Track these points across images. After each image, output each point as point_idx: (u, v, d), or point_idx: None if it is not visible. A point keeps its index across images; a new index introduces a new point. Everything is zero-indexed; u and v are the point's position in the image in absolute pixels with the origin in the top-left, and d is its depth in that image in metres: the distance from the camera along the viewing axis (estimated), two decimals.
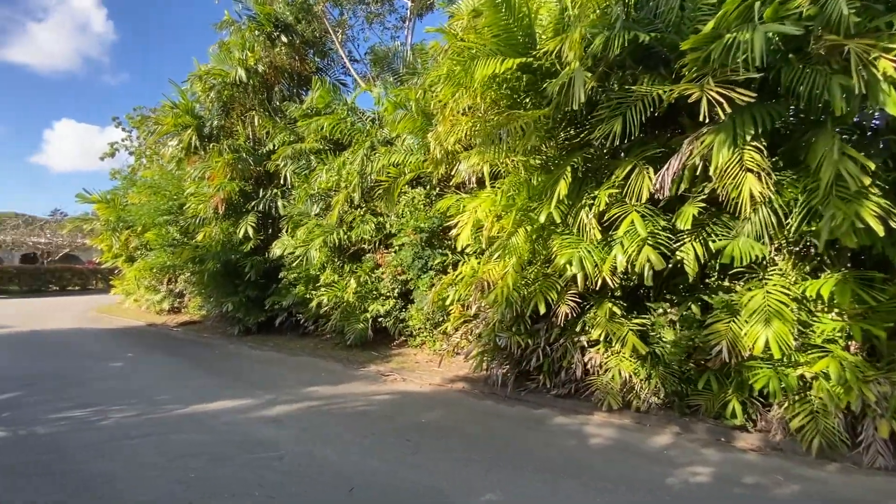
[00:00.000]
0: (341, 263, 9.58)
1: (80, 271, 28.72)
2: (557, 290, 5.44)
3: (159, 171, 13.77)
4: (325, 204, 9.80)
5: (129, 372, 7.21)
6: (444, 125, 6.14)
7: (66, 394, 5.84)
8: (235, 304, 10.50)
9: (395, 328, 8.77)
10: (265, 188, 11.19)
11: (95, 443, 4.21)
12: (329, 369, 7.66)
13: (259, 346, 9.75)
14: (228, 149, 10.76)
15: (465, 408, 5.67)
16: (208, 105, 11.44)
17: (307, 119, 10.12)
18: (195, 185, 10.96)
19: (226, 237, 10.71)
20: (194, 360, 8.34)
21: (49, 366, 7.50)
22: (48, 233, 30.70)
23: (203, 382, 6.67)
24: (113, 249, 15.52)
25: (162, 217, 12.57)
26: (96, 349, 9.32)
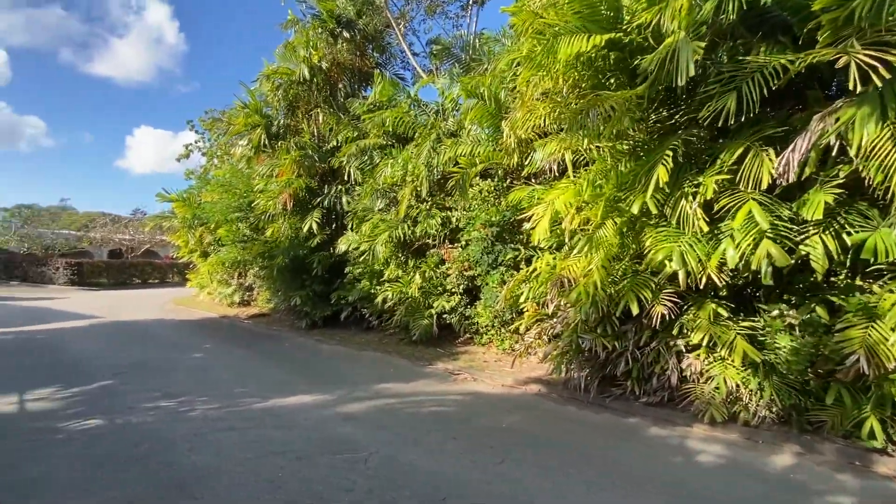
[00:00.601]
0: (405, 258, 9.47)
1: (159, 266, 31.04)
2: (652, 289, 4.92)
3: (230, 170, 14.37)
4: (390, 199, 9.72)
5: (209, 363, 7.47)
6: (521, 111, 5.77)
7: (154, 383, 6.09)
8: (303, 298, 10.72)
9: (461, 325, 8.53)
10: (329, 184, 11.32)
11: (185, 435, 4.27)
12: (397, 365, 7.55)
13: (326, 339, 9.87)
14: (295, 146, 10.98)
15: (546, 413, 5.31)
16: (275, 104, 11.73)
17: (370, 114, 10.09)
18: (264, 183, 11.27)
19: (293, 233, 10.93)
20: (267, 353, 8.54)
21: (137, 355, 7.94)
22: (131, 230, 33.43)
23: (277, 375, 6.76)
24: (189, 245, 16.44)
25: (233, 214, 13.10)
26: (177, 340, 9.83)
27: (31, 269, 25.31)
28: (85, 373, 6.59)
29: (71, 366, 7.04)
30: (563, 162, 5.84)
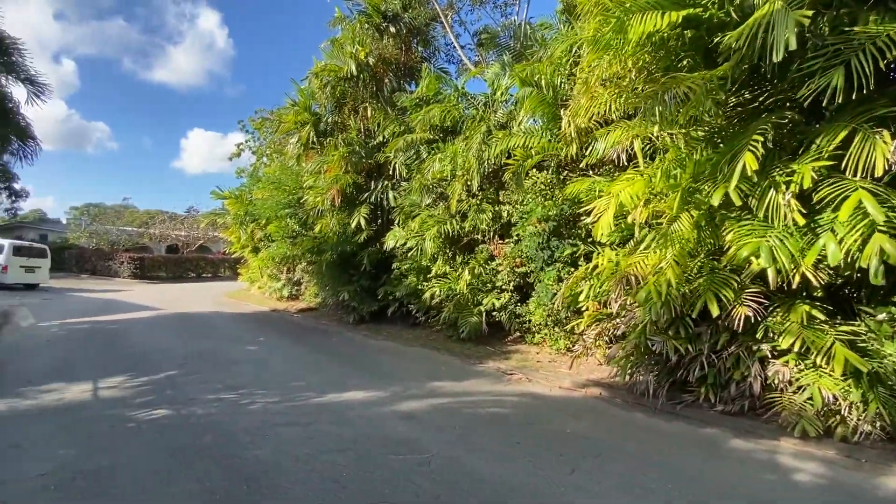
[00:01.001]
0: (453, 254, 9.32)
1: (212, 260, 32.59)
2: (733, 288, 4.50)
3: (280, 167, 14.73)
4: (437, 194, 9.58)
5: (265, 356, 7.62)
6: (585, 97, 5.44)
7: (215, 375, 6.25)
8: (351, 293, 10.81)
9: (511, 323, 8.29)
10: (376, 180, 11.33)
11: (248, 428, 4.30)
12: (447, 363, 7.41)
13: (374, 335, 9.89)
14: (342, 143, 11.06)
15: (613, 419, 4.99)
16: (323, 101, 11.86)
17: (417, 108, 9.98)
18: (313, 179, 11.43)
19: (341, 229, 11.04)
20: (318, 347, 8.64)
21: (196, 346, 8.22)
22: (186, 227, 35.24)
23: (330, 370, 6.78)
24: (241, 241, 17.06)
25: (283, 210, 13.42)
26: (233, 332, 10.15)
27: (99, 263, 27.17)
28: (151, 363, 6.86)
29: (138, 355, 7.37)
30: (629, 151, 5.47)
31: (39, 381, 5.89)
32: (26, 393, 5.36)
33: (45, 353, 7.51)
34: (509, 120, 8.71)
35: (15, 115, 9.86)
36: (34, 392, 5.39)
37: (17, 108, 9.79)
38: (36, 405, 4.92)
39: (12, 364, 6.74)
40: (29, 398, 5.18)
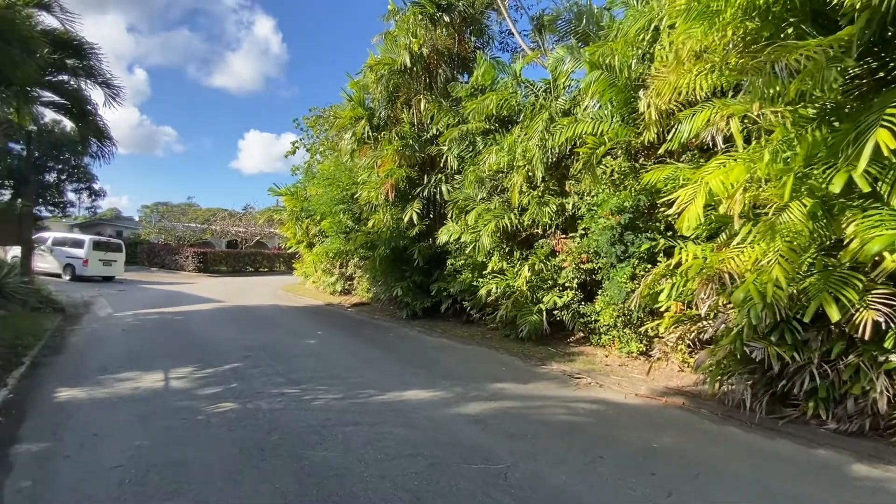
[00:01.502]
0: (510, 250, 8.95)
1: (268, 255, 33.96)
2: (857, 289, 3.85)
3: (334, 163, 14.91)
4: (492, 187, 9.24)
5: (323, 350, 7.62)
6: (674, 73, 4.89)
7: (277, 368, 6.26)
8: (404, 288, 10.71)
9: (574, 323, 7.81)
10: (428, 174, 11.14)
11: (314, 426, 4.18)
12: (507, 363, 7.07)
13: (428, 331, 9.72)
14: (396, 136, 10.95)
15: (703, 433, 4.46)
16: (377, 95, 11.80)
17: (472, 98, 9.66)
18: (367, 174, 11.42)
19: (394, 223, 10.95)
20: (374, 342, 8.56)
21: (258, 339, 8.38)
22: (244, 223, 36.93)
23: (389, 366, 6.64)
24: (296, 236, 17.50)
25: (337, 206, 13.56)
26: (291, 325, 10.32)
27: (167, 258, 29.02)
28: (217, 354, 7.02)
29: (204, 346, 7.59)
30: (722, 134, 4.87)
31: (115, 369, 6.14)
32: (104, 381, 5.57)
33: (120, 341, 7.90)
34: (572, 106, 8.20)
35: (94, 117, 10.50)
36: (111, 380, 5.60)
37: (95, 110, 10.43)
38: (112, 393, 5.08)
39: (91, 351, 7.11)
40: (106, 386, 5.37)
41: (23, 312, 9.58)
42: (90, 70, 10.31)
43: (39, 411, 4.54)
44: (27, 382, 5.47)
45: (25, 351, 6.74)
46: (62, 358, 6.68)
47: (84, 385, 5.37)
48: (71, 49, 9.44)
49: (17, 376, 5.56)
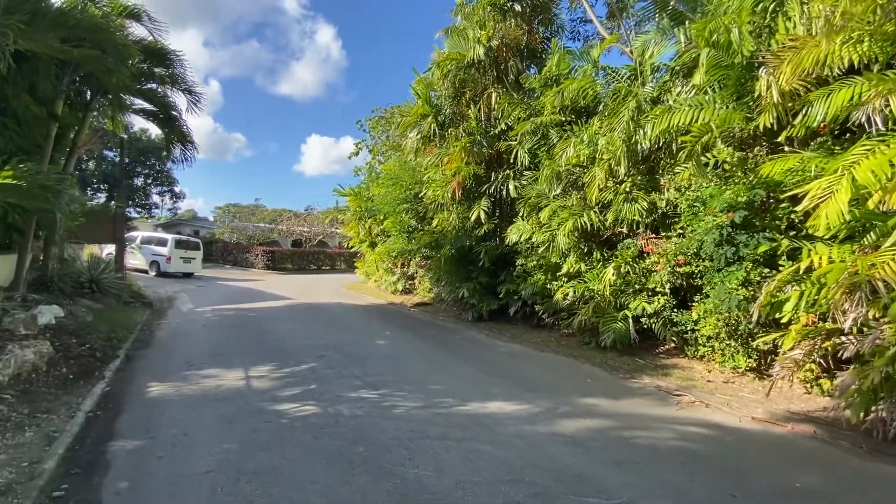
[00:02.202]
0: (588, 250, 8.32)
1: (330, 254, 35.05)
2: None
3: (398, 163, 14.89)
4: (569, 182, 8.65)
5: (395, 352, 7.44)
6: (808, 47, 4.15)
7: (352, 370, 6.12)
8: (470, 290, 10.36)
9: (665, 332, 7.07)
10: (496, 171, 10.72)
11: (399, 438, 3.92)
12: (592, 375, 6.50)
13: (496, 335, 9.31)
14: (464, 133, 10.63)
15: (854, 473, 3.71)
16: (443, 91, 11.54)
17: (546, 89, 9.13)
18: (433, 172, 11.19)
19: (460, 223, 10.64)
20: (444, 345, 8.27)
21: (329, 338, 8.37)
22: (307, 223, 38.41)
23: (464, 373, 6.30)
24: (359, 236, 17.72)
25: (400, 206, 13.50)
26: (358, 324, 10.32)
27: (239, 255, 30.77)
28: (292, 352, 7.04)
29: (278, 344, 7.67)
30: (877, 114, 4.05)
31: (199, 364, 6.29)
32: (189, 377, 5.68)
33: (201, 336, 8.18)
34: (661, 93, 7.46)
35: (178, 122, 11.10)
36: (196, 376, 5.70)
37: (180, 115, 11.02)
38: (198, 391, 5.13)
39: (176, 345, 7.39)
40: (191, 383, 5.46)
41: (117, 306, 10.28)
42: (175, 78, 10.89)
43: (133, 406, 4.64)
44: (122, 375, 5.69)
45: (120, 344, 7.12)
46: (151, 352, 6.97)
47: (172, 380, 5.50)
48: (158, 57, 9.98)
49: (112, 369, 5.82)
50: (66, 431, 3.90)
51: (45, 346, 5.54)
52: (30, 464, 3.29)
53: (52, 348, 5.86)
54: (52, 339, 6.55)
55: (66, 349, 6.28)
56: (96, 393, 4.90)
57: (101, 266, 11.39)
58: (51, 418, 4.17)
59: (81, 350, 6.37)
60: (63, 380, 5.23)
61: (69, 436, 3.83)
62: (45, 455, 3.44)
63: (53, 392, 4.82)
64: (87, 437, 3.87)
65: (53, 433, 3.84)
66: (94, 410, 4.46)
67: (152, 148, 36.43)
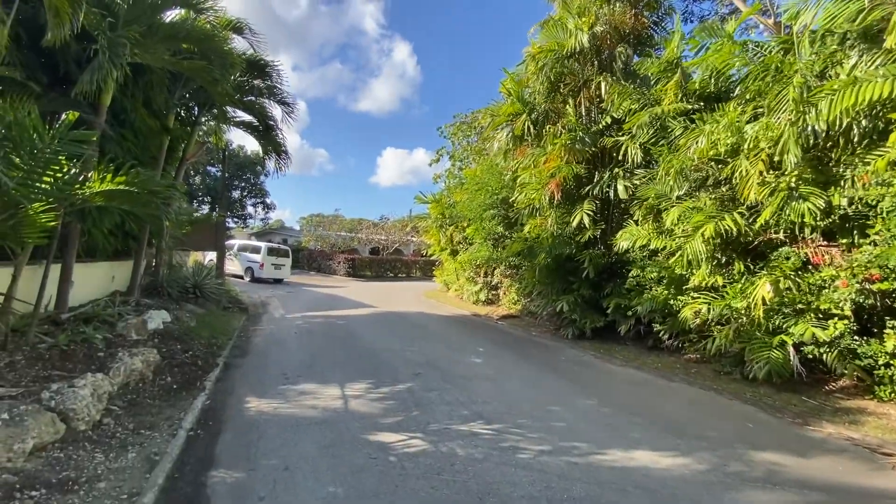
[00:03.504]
0: (727, 260, 6.95)
1: (406, 262, 35.36)
2: None
3: (484, 167, 14.24)
4: (699, 179, 7.35)
5: (495, 374, 6.64)
6: None
7: (455, 395, 5.43)
8: (570, 303, 9.29)
9: (842, 364, 5.54)
10: (599, 170, 9.61)
11: (536, 498, 3.12)
12: (749, 416, 5.20)
13: (606, 356, 8.16)
14: (563, 129, 9.67)
15: None
16: (536, 88, 10.68)
17: (666, 74, 7.92)
18: (527, 174, 10.32)
19: (558, 228, 9.65)
20: (549, 367, 7.30)
21: (421, 352, 7.81)
22: (385, 232, 39.24)
23: (586, 406, 5.33)
24: (440, 243, 17.30)
25: (486, 212, 12.79)
26: (448, 337, 9.68)
27: (322, 262, 32.01)
28: (385, 368, 6.54)
29: (371, 357, 7.23)
30: None
31: (294, 377, 5.97)
32: (286, 392, 5.33)
33: (294, 345, 8.00)
34: (829, 66, 5.99)
35: (275, 132, 11.38)
36: (292, 392, 5.34)
37: (276, 125, 11.28)
38: (296, 411, 4.71)
39: (271, 354, 7.22)
40: (289, 400, 5.08)
41: (217, 311, 10.63)
42: (272, 90, 11.19)
43: (233, 425, 4.30)
44: (221, 386, 5.49)
45: (219, 351, 7.09)
46: (248, 360, 6.83)
47: (269, 396, 5.18)
48: (258, 69, 10.24)
49: (212, 379, 5.65)
50: (167, 455, 3.58)
51: (153, 354, 5.49)
52: (129, 496, 2.95)
53: (158, 356, 5.84)
54: (159, 345, 6.63)
55: (171, 356, 6.29)
56: (197, 407, 4.66)
57: (203, 272, 11.94)
58: (153, 436, 3.92)
59: (185, 357, 6.35)
60: (167, 390, 5.10)
61: (170, 460, 3.51)
62: (145, 486, 3.09)
63: (157, 404, 4.65)
64: (187, 463, 3.52)
65: (154, 456, 3.53)
66: (194, 428, 4.19)
67: (248, 163, 39.57)
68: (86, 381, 4.13)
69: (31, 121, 4.04)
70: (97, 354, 5.06)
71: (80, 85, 5.09)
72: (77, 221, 6.44)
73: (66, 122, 4.22)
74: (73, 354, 4.87)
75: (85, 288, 7.78)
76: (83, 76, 5.15)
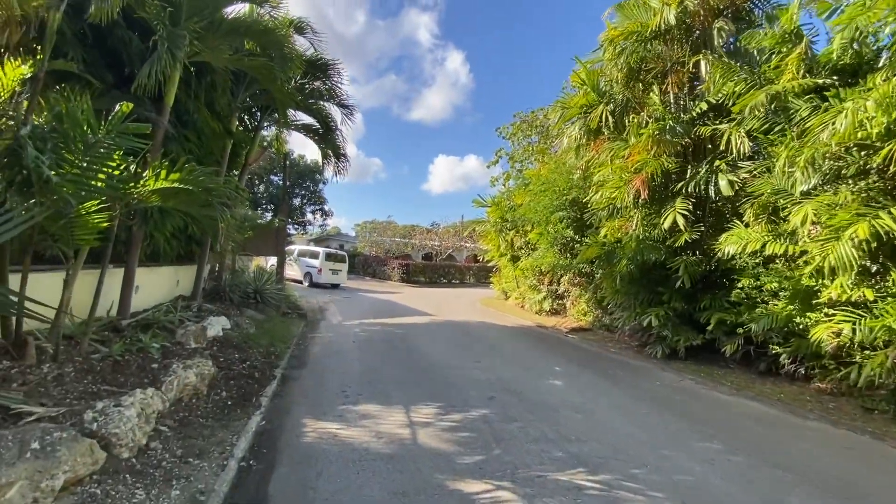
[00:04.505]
0: (881, 268, 5.57)
1: (459, 268, 34.72)
2: None
3: (548, 167, 13.24)
4: (832, 170, 6.01)
5: (583, 401, 5.68)
6: None
7: (541, 427, 4.56)
8: (661, 317, 8.06)
9: None
10: (693, 164, 8.36)
11: None
12: None
13: (707, 382, 6.91)
14: (648, 119, 8.53)
15: None
16: (613, 75, 9.61)
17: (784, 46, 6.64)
18: (604, 170, 9.24)
19: (645, 230, 8.49)
20: (646, 396, 6.18)
21: (491, 370, 7.00)
22: (439, 238, 38.89)
23: (712, 452, 4.25)
24: (500, 249, 16.41)
25: (554, 214, 11.78)
26: (516, 352, 8.79)
27: (377, 268, 32.09)
28: (454, 388, 5.79)
29: (435, 374, 6.53)
30: None
31: (354, 395, 5.38)
32: (346, 415, 4.72)
33: (353, 356, 7.47)
34: None
35: (334, 133, 11.11)
36: (353, 415, 4.72)
37: (335, 127, 11.01)
38: (359, 441, 4.06)
39: (330, 366, 6.71)
40: (350, 424, 4.46)
41: (276, 317, 10.43)
42: (332, 92, 10.93)
43: (289, 456, 3.71)
44: (277, 404, 4.99)
45: (277, 361, 6.68)
46: (306, 372, 6.35)
47: (328, 418, 4.59)
48: (318, 69, 9.98)
49: (269, 394, 5.18)
50: (214, 494, 3.03)
51: (208, 366, 5.09)
52: None
53: (214, 367, 5.46)
54: (217, 354, 6.31)
55: (228, 366, 5.92)
56: (251, 429, 4.15)
57: (264, 277, 11.87)
58: (201, 466, 3.40)
59: (241, 368, 5.95)
60: (221, 407, 4.64)
61: (217, 500, 2.96)
62: None
63: (209, 424, 4.17)
64: None
65: (200, 496, 2.99)
66: (247, 458, 3.64)
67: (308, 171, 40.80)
68: (134, 399, 3.71)
69: (84, 113, 3.72)
70: (151, 366, 4.71)
71: (139, 78, 4.83)
72: (140, 224, 6.28)
73: (119, 114, 3.87)
74: (126, 366, 4.53)
75: (150, 292, 7.71)
76: (142, 69, 4.89)
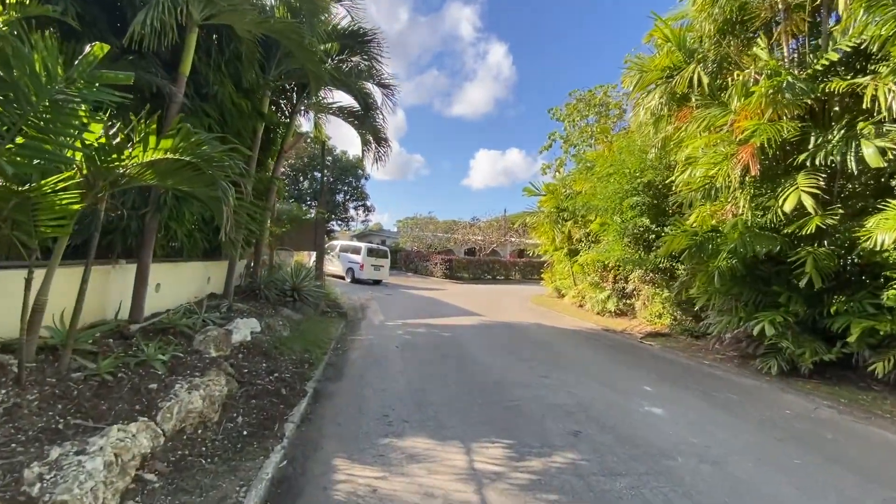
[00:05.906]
0: None
1: (504, 264, 33.20)
2: None
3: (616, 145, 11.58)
4: None
5: (699, 441, 4.26)
6: None
7: (660, 491, 3.23)
8: (778, 324, 6.40)
9: None
10: (818, 131, 6.59)
11: None
12: None
13: (853, 410, 5.25)
14: (758, 75, 6.83)
15: None
16: (703, 31, 7.93)
17: None
18: (697, 143, 7.59)
19: (753, 215, 6.83)
20: (782, 433, 4.65)
21: (563, 388, 5.70)
22: (483, 232, 37.49)
23: None
24: (555, 242, 14.89)
25: (626, 200, 10.19)
26: (589, 363, 7.38)
27: (419, 264, 31.20)
28: (524, 417, 4.54)
29: (499, 392, 5.32)
30: None
31: (399, 421, 4.27)
32: (389, 453, 3.60)
33: (397, 367, 6.38)
34: None
35: (373, 113, 10.08)
36: (397, 455, 3.58)
37: (376, 105, 9.97)
38: (407, 499, 2.90)
39: (370, 380, 5.63)
40: (393, 469, 3.33)
41: (314, 317, 9.58)
42: (371, 71, 9.91)
43: None
44: (305, 434, 3.95)
45: (310, 371, 5.70)
46: (342, 388, 5.31)
47: (366, 457, 3.50)
48: (356, 41, 8.94)
49: (295, 420, 4.15)
50: None
51: (220, 384, 4.12)
52: None
53: (233, 382, 4.51)
54: (241, 364, 5.39)
55: (252, 379, 4.96)
56: (266, 476, 3.10)
57: (302, 273, 11.06)
58: None
59: (267, 382, 4.98)
60: (233, 439, 3.64)
61: None
62: None
63: (213, 469, 3.16)
64: None
65: None
66: None
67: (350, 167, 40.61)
68: (105, 442, 2.74)
69: (40, 54, 2.75)
70: (148, 386, 3.76)
71: (133, 25, 3.89)
72: (153, 213, 5.44)
73: (88, 57, 2.89)
74: (115, 387, 3.60)
75: (175, 291, 6.96)
76: (137, 16, 3.95)
